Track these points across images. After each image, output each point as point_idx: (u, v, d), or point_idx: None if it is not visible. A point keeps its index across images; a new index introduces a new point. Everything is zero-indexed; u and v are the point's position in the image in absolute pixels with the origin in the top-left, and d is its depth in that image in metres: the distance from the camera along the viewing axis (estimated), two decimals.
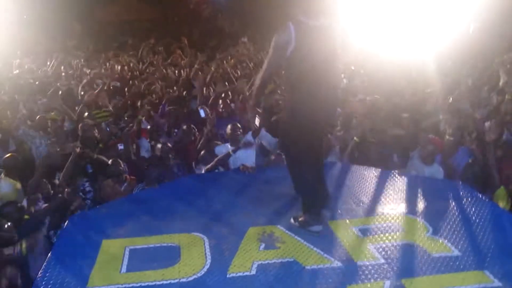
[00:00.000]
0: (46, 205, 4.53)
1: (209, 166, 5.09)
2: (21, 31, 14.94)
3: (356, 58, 10.10)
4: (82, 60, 12.67)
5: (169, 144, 5.71)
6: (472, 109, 6.34)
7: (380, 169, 4.64)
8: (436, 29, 10.08)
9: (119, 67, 11.05)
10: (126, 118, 6.93)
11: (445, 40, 9.77)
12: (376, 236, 3.41)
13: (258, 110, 5.73)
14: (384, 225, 3.56)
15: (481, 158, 4.85)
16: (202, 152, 5.51)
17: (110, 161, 5.06)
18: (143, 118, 6.57)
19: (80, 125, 6.16)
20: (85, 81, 8.85)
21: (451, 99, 6.62)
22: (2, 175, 5.03)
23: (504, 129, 5.48)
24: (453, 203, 3.89)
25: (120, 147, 5.71)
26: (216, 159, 5.14)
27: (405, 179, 4.42)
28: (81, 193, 4.87)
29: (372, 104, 6.59)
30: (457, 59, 9.42)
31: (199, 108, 7.17)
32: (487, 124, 5.20)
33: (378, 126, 5.68)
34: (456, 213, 3.71)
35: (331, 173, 4.58)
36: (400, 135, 5.59)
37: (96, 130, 6.11)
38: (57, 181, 5.02)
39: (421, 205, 3.91)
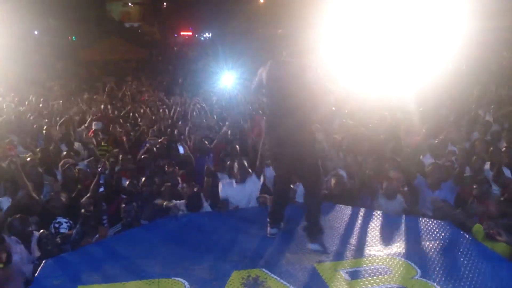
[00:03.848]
0: None
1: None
2: (4, 69, 14.79)
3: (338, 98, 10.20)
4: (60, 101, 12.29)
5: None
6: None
7: (364, 209, 4.58)
8: (418, 67, 10.22)
9: (101, 106, 10.91)
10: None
11: (426, 78, 9.90)
12: (364, 279, 3.30)
13: None
14: (372, 267, 3.46)
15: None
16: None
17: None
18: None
19: (60, 164, 5.97)
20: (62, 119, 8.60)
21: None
22: None
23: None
24: (440, 244, 3.82)
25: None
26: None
27: (391, 219, 4.36)
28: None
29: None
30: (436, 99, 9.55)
31: (178, 145, 7.09)
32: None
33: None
34: (444, 254, 3.64)
35: None
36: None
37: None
38: None
39: (408, 246, 3.82)
